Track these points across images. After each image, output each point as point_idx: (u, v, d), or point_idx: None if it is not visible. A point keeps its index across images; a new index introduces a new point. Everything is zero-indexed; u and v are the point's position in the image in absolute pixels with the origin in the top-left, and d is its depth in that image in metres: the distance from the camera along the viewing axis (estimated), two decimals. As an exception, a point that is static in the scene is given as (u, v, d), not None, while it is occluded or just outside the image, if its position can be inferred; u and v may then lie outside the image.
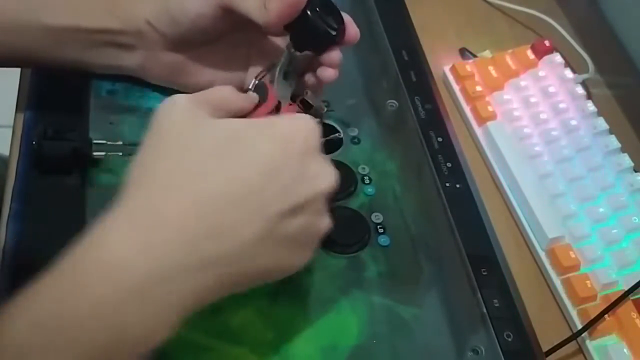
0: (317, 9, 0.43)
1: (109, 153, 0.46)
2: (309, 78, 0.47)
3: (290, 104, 0.46)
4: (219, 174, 0.34)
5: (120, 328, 0.31)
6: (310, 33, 0.44)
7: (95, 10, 0.45)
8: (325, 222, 0.38)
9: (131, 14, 0.45)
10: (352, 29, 0.45)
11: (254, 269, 0.35)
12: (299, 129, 0.37)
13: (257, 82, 0.44)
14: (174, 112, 0.36)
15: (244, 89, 0.43)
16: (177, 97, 0.36)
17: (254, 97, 0.42)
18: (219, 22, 0.45)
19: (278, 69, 0.46)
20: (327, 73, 0.45)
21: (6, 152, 0.48)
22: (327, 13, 0.44)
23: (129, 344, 0.32)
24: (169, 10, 0.44)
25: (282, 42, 0.47)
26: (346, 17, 0.45)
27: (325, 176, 0.37)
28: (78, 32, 0.45)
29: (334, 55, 0.45)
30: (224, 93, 0.39)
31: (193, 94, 0.37)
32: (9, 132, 0.49)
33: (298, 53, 0.45)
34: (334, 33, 0.44)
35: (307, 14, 0.43)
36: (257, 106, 0.42)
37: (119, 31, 0.46)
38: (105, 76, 0.51)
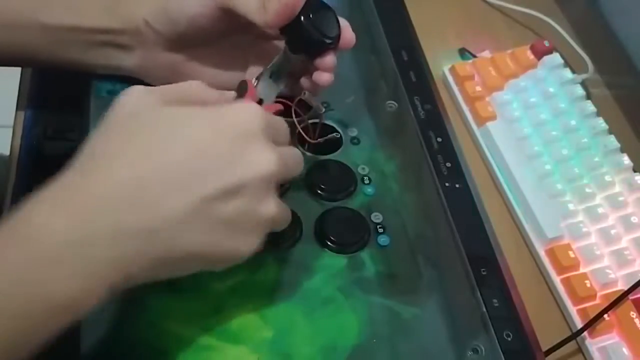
0: (311, 15, 0.43)
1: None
2: (304, 82, 0.47)
3: (275, 103, 0.46)
4: (151, 153, 0.35)
5: (41, 294, 0.31)
6: (304, 39, 0.44)
7: (94, 9, 0.45)
8: (268, 208, 0.37)
9: (130, 13, 0.45)
10: (348, 34, 0.45)
11: (184, 249, 0.35)
12: (239, 113, 0.37)
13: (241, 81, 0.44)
14: (127, 99, 0.36)
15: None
16: (135, 87, 0.37)
17: (228, 93, 0.42)
18: (218, 22, 0.45)
19: (267, 67, 0.46)
20: (322, 77, 0.46)
21: (6, 152, 0.48)
22: (322, 19, 0.44)
23: (52, 311, 0.32)
24: (167, 10, 0.44)
25: (280, 44, 0.47)
26: (343, 22, 0.45)
27: (264, 160, 0.36)
28: (77, 31, 0.45)
29: (329, 60, 0.45)
30: (187, 86, 0.39)
31: (158, 87, 0.38)
32: (9, 132, 0.49)
33: (293, 55, 0.45)
34: (328, 41, 0.44)
35: (300, 20, 0.43)
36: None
37: (117, 31, 0.46)
38: (105, 76, 0.51)
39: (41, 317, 0.32)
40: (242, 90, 0.44)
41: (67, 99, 0.50)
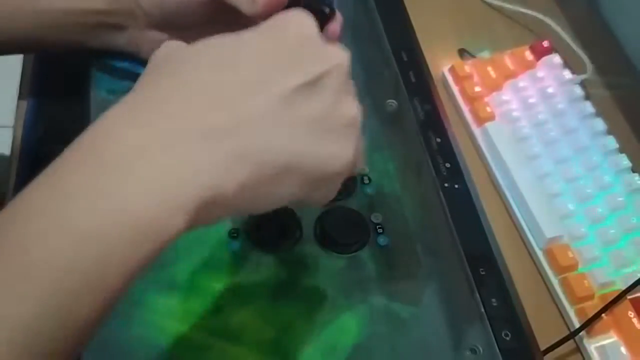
0: None
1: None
2: None
3: None
4: (214, 63, 0.32)
5: (117, 216, 0.27)
6: None
7: None
8: (351, 107, 0.34)
9: None
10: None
11: (275, 152, 0.31)
12: (289, 17, 0.35)
13: None
14: (167, 45, 0.34)
15: None
16: (170, 41, 0.35)
17: None
18: (208, 8, 0.45)
19: None
20: None
21: (6, 152, 0.48)
22: None
23: (135, 237, 0.27)
24: None
25: None
26: None
27: (335, 54, 0.34)
28: (70, 14, 0.46)
29: (334, 28, 0.44)
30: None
31: None
32: (9, 132, 0.49)
33: None
34: (327, 10, 0.44)
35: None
36: None
37: (109, 12, 0.46)
38: (105, 76, 0.51)
39: (125, 240, 0.27)
40: None
41: (67, 99, 0.50)
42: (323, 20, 0.45)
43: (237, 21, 0.48)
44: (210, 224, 0.31)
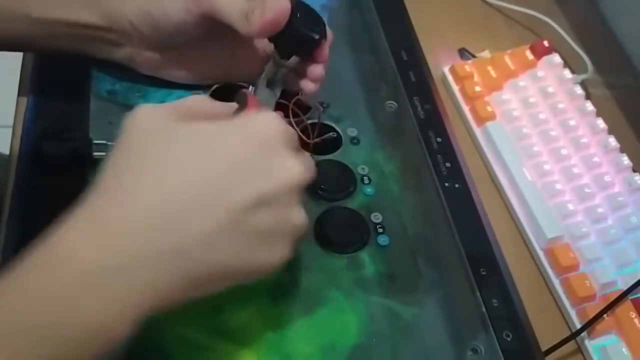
0: (298, 14, 0.43)
1: (109, 153, 0.46)
2: (298, 84, 0.48)
3: (275, 110, 0.46)
4: (176, 170, 0.34)
5: (73, 321, 0.31)
6: (295, 41, 0.45)
7: (84, 6, 0.46)
8: (298, 217, 0.37)
9: (116, 12, 0.46)
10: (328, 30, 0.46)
11: (220, 264, 0.34)
12: (261, 123, 0.36)
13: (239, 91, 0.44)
14: (138, 119, 0.36)
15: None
16: (143, 107, 0.36)
17: (231, 105, 0.41)
18: (202, 27, 0.45)
19: (262, 77, 0.46)
20: (316, 71, 0.47)
21: (6, 152, 0.48)
22: (307, 16, 0.44)
23: (87, 336, 0.31)
24: (151, 15, 0.45)
25: (267, 42, 0.47)
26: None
27: (293, 169, 0.36)
28: (67, 26, 0.46)
29: (322, 53, 0.46)
30: (193, 101, 0.39)
31: (163, 104, 0.38)
32: (9, 132, 0.49)
33: (285, 61, 0.46)
34: (317, 36, 0.45)
35: (292, 23, 0.43)
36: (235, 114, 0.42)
37: (105, 28, 0.46)
38: (105, 76, 0.51)
39: (74, 344, 0.31)
40: (241, 101, 0.44)
41: (67, 100, 0.50)
42: (312, 46, 0.45)
43: (232, 39, 0.48)
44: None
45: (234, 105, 0.42)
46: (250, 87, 0.47)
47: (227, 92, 0.50)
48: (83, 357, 0.31)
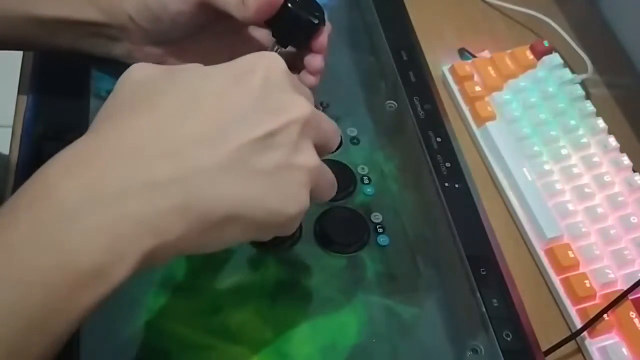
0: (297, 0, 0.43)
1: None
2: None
3: None
4: (170, 107, 0.32)
5: (64, 259, 0.28)
6: (294, 25, 0.44)
7: (83, 3, 0.46)
8: (307, 159, 0.34)
9: (115, 8, 0.46)
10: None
11: (224, 204, 0.32)
12: (257, 59, 0.35)
13: None
14: (134, 71, 0.35)
15: None
16: (141, 63, 0.35)
17: None
18: (200, 17, 0.45)
19: None
20: (315, 61, 0.46)
21: (6, 152, 0.48)
22: (306, 2, 0.44)
23: (78, 283, 0.28)
24: (150, 7, 0.45)
25: (266, 32, 0.47)
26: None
27: (295, 106, 0.34)
28: (65, 22, 0.46)
29: (321, 40, 0.45)
30: (191, 64, 0.37)
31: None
32: (8, 132, 0.49)
33: (282, 49, 0.46)
34: (316, 21, 0.44)
35: (288, 6, 0.43)
36: None
37: (104, 24, 0.46)
38: (105, 76, 0.51)
39: (69, 286, 0.28)
40: None
41: (67, 99, 0.50)
42: (311, 32, 0.45)
43: (231, 32, 0.48)
44: (157, 267, 0.32)
45: None
46: None
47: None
48: (83, 300, 0.29)
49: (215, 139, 0.32)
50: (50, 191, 0.29)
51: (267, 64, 0.34)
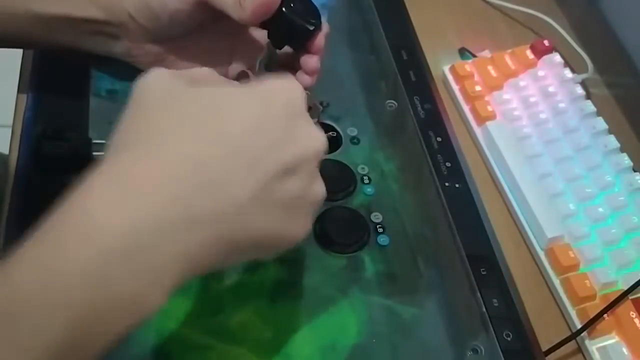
0: (292, 4, 0.43)
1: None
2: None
3: None
4: (203, 134, 0.32)
5: (107, 291, 0.29)
6: (288, 30, 0.44)
7: (84, 0, 0.46)
8: (320, 188, 0.36)
9: (115, 6, 0.46)
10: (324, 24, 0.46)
11: (251, 233, 0.33)
12: (283, 87, 0.36)
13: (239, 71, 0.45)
14: (154, 81, 0.35)
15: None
16: (157, 69, 0.35)
17: (233, 82, 0.41)
18: (199, 15, 0.45)
19: (259, 61, 0.46)
20: (310, 62, 0.46)
21: (5, 152, 0.48)
22: (302, 6, 0.44)
23: (118, 309, 0.29)
24: (149, 5, 0.45)
25: (265, 32, 0.47)
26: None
27: (315, 138, 0.36)
28: (66, 20, 0.46)
29: (318, 43, 0.46)
30: (202, 71, 0.38)
31: (173, 70, 0.36)
32: (8, 132, 0.49)
33: (277, 50, 0.46)
34: (311, 27, 0.44)
35: (283, 11, 0.43)
36: None
37: (104, 22, 0.46)
38: (105, 76, 0.51)
39: (106, 316, 0.29)
40: (243, 80, 0.44)
41: (67, 99, 0.50)
42: (306, 37, 0.45)
43: (230, 31, 0.48)
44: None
45: (234, 82, 0.42)
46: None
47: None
48: (114, 332, 0.30)
49: (249, 167, 0.32)
50: (96, 223, 0.29)
51: (290, 93, 0.36)
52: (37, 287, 0.28)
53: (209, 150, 0.32)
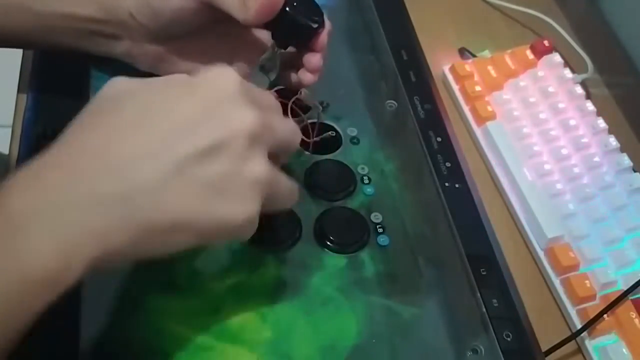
0: (295, 3, 0.43)
1: None
2: (294, 76, 0.48)
3: None
4: (120, 123, 0.34)
5: (13, 266, 0.30)
6: (292, 29, 0.44)
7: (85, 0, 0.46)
8: (255, 169, 0.36)
9: (115, 5, 0.46)
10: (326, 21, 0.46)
11: (168, 215, 0.34)
12: (212, 75, 0.36)
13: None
14: (108, 86, 0.36)
15: None
16: (117, 77, 0.37)
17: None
18: (201, 15, 0.45)
19: (257, 62, 0.46)
20: (307, 77, 0.47)
21: (5, 152, 0.48)
22: (304, 5, 0.44)
23: (29, 286, 0.30)
24: (150, 4, 0.45)
25: (267, 32, 0.47)
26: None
27: (241, 118, 0.35)
28: (67, 19, 0.46)
29: (321, 41, 0.46)
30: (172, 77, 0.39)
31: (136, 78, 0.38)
32: (8, 132, 0.49)
33: (282, 50, 0.46)
34: (315, 25, 0.44)
35: (287, 10, 0.43)
36: None
37: (104, 21, 0.46)
38: (104, 76, 0.51)
39: (18, 293, 0.30)
40: None
41: (67, 99, 0.50)
42: (310, 35, 0.45)
43: (231, 32, 0.48)
44: (111, 269, 0.34)
45: None
46: None
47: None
48: (31, 305, 0.30)
49: (159, 152, 0.34)
50: (8, 202, 0.31)
51: (220, 79, 0.36)
52: None
53: (119, 137, 0.33)
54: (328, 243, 0.47)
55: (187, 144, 0.34)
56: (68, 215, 0.31)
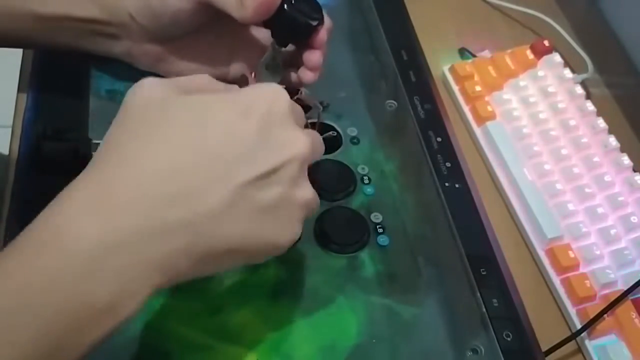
0: (293, 1, 0.43)
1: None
2: (294, 75, 0.48)
3: None
4: (177, 144, 0.33)
5: (80, 300, 0.30)
6: (291, 26, 0.44)
7: (84, 0, 0.46)
8: (305, 192, 0.36)
9: (115, 5, 0.46)
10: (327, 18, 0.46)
11: (226, 241, 0.34)
12: (262, 94, 0.36)
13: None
14: (141, 91, 0.35)
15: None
16: (147, 79, 0.36)
17: (232, 86, 0.41)
18: (200, 15, 0.45)
19: (262, 61, 0.46)
20: (307, 76, 0.47)
21: (5, 152, 0.48)
22: (303, 2, 0.44)
23: (89, 317, 0.30)
24: (150, 4, 0.45)
25: (266, 32, 0.47)
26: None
27: (296, 143, 0.35)
28: (67, 20, 0.46)
29: (320, 37, 0.46)
30: (197, 78, 0.38)
31: (164, 79, 0.37)
32: (8, 132, 0.49)
33: (282, 49, 0.46)
34: (314, 23, 0.44)
35: (285, 7, 0.43)
36: None
37: (104, 22, 0.46)
38: (104, 75, 0.51)
39: (81, 323, 0.30)
40: (242, 84, 0.44)
41: (67, 99, 0.50)
42: (310, 32, 0.45)
43: (231, 31, 0.48)
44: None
45: (232, 86, 0.42)
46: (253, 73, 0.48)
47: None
48: (87, 341, 0.30)
49: (222, 177, 0.33)
50: (73, 233, 0.30)
51: (271, 99, 0.36)
52: (8, 301, 0.29)
53: (182, 161, 0.33)
54: (328, 243, 0.47)
55: (248, 170, 0.34)
56: (134, 250, 0.31)
